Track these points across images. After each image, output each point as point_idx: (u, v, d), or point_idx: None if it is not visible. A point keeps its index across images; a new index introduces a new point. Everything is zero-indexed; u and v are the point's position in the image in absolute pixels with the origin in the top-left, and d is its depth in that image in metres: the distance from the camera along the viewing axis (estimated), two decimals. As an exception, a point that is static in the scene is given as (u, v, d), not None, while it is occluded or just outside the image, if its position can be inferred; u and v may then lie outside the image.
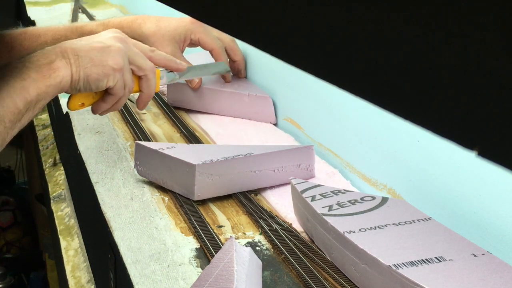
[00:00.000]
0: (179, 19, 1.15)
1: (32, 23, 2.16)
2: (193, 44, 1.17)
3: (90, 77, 0.82)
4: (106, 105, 0.89)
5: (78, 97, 0.87)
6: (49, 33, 1.07)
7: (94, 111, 0.90)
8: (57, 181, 1.62)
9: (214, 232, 0.75)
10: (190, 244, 0.74)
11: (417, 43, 0.21)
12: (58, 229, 1.37)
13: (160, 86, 0.99)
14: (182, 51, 1.16)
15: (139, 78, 0.92)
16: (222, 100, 1.18)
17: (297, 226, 0.78)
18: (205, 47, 1.16)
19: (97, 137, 1.09)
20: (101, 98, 0.89)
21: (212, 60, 1.20)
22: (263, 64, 1.21)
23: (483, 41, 0.19)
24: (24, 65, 0.77)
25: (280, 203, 0.85)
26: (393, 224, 0.67)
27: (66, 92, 0.84)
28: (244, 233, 0.77)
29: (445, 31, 0.20)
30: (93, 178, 0.93)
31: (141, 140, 1.05)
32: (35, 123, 1.94)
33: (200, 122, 1.17)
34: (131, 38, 0.97)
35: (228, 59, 1.18)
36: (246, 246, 0.71)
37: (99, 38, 0.88)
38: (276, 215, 0.81)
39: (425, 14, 0.21)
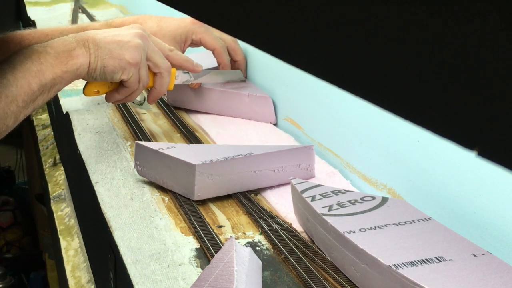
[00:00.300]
0: (180, 20, 1.15)
1: (32, 23, 2.16)
2: (194, 44, 1.17)
3: (107, 68, 0.86)
4: (120, 96, 0.94)
5: (94, 84, 0.92)
6: (56, 32, 1.08)
7: (107, 99, 0.96)
8: (57, 181, 1.62)
9: (214, 232, 0.75)
10: (190, 244, 0.74)
11: (416, 43, 0.21)
12: (58, 229, 1.37)
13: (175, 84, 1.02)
14: (183, 51, 1.16)
15: (154, 74, 0.95)
16: (222, 100, 1.18)
17: (297, 226, 0.78)
18: (207, 47, 1.17)
19: (97, 137, 1.09)
20: (116, 89, 0.94)
21: (213, 60, 1.20)
22: (263, 64, 1.21)
23: (483, 41, 0.19)
24: (45, 49, 0.81)
25: (280, 203, 0.85)
26: (393, 224, 0.67)
27: (83, 79, 0.88)
28: (244, 233, 0.77)
29: (444, 30, 0.20)
30: (93, 178, 0.93)
31: (141, 140, 1.05)
32: (35, 123, 1.94)
33: (200, 122, 1.17)
34: None
35: (230, 59, 1.19)
36: (246, 246, 0.71)
37: (121, 31, 0.91)
38: (276, 215, 0.81)
39: (424, 12, 0.21)
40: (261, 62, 1.21)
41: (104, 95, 0.96)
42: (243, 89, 1.17)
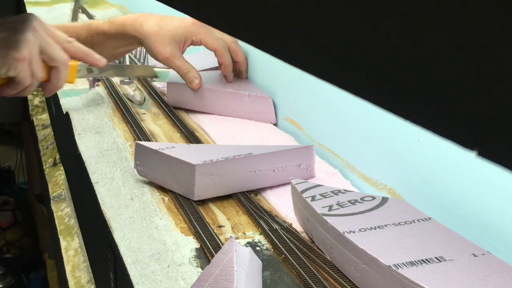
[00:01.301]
0: (180, 20, 1.15)
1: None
2: (195, 44, 1.17)
3: None
4: (11, 91, 0.90)
5: None
6: (61, 29, 1.07)
7: None
8: (57, 181, 1.62)
9: (214, 232, 0.75)
10: (190, 244, 0.74)
11: (416, 43, 0.21)
12: (58, 229, 1.37)
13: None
14: (183, 52, 1.16)
15: (50, 67, 0.91)
16: (222, 100, 1.18)
17: (297, 226, 0.78)
18: (208, 47, 1.16)
19: (97, 137, 1.09)
20: (7, 84, 0.90)
21: (214, 59, 1.20)
22: (263, 64, 1.21)
23: (483, 42, 0.19)
24: None
25: (280, 203, 0.85)
26: (393, 224, 0.67)
27: None
28: (244, 233, 0.77)
29: (444, 31, 0.20)
30: (93, 178, 0.93)
31: (141, 140, 1.05)
32: (35, 123, 1.94)
33: (200, 122, 1.17)
34: (130, 34, 0.96)
35: (231, 60, 1.19)
36: (246, 246, 0.71)
37: (10, 25, 0.87)
38: (276, 215, 0.81)
39: (422, 13, 0.21)
40: (261, 62, 1.21)
41: None
42: (243, 89, 1.17)
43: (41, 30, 0.90)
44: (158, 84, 1.42)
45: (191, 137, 1.08)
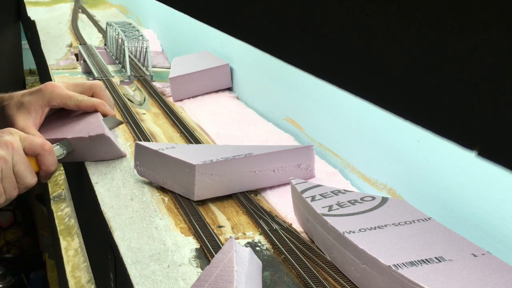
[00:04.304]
0: (36, 92, 1.00)
1: (32, 23, 2.16)
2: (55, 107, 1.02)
3: None
4: None
5: None
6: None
7: None
8: (57, 181, 1.62)
9: (214, 232, 0.75)
10: (190, 244, 0.74)
11: (416, 44, 0.21)
12: (58, 229, 1.37)
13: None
14: (40, 122, 1.00)
15: (36, 157, 0.87)
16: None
17: (297, 226, 0.78)
18: (75, 108, 1.01)
19: (97, 137, 1.09)
20: None
21: (206, 63, 1.21)
22: (263, 64, 1.21)
23: (483, 42, 0.19)
24: None
25: (280, 203, 0.85)
26: (393, 224, 0.67)
27: None
28: (244, 233, 0.77)
29: (443, 32, 0.20)
30: (93, 178, 0.93)
31: (141, 140, 1.05)
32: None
33: (200, 122, 1.18)
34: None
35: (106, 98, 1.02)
36: (246, 246, 0.71)
37: None
38: (276, 215, 0.81)
39: (425, 15, 0.21)
40: (261, 61, 1.22)
41: None
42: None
43: (15, 145, 0.84)
44: (158, 84, 1.42)
45: (191, 137, 1.08)
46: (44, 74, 1.78)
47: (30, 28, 2.24)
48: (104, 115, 0.98)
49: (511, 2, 0.18)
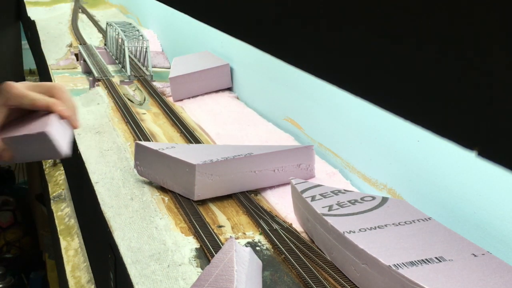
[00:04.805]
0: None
1: (32, 23, 2.16)
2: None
3: None
4: None
5: None
6: None
7: None
8: (57, 181, 1.62)
9: (214, 232, 0.75)
10: (190, 244, 0.74)
11: (416, 43, 0.21)
12: (58, 229, 1.37)
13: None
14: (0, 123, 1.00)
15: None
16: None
17: (297, 226, 0.78)
18: (30, 107, 1.00)
19: (97, 137, 1.09)
20: None
21: (206, 63, 1.20)
22: (264, 64, 1.21)
23: (483, 43, 0.19)
24: None
25: (280, 203, 0.85)
26: (393, 224, 0.67)
27: None
28: (244, 233, 0.77)
29: (444, 34, 0.20)
30: (93, 178, 0.93)
31: (141, 140, 1.05)
32: (35, 123, 1.94)
33: (200, 122, 1.18)
34: None
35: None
36: (246, 246, 0.71)
37: None
38: (276, 215, 0.81)
39: (425, 20, 0.21)
40: (261, 61, 1.21)
41: None
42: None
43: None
44: (158, 84, 1.42)
45: (191, 137, 1.08)
46: (44, 74, 1.78)
47: (30, 28, 2.24)
48: (62, 117, 0.95)
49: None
